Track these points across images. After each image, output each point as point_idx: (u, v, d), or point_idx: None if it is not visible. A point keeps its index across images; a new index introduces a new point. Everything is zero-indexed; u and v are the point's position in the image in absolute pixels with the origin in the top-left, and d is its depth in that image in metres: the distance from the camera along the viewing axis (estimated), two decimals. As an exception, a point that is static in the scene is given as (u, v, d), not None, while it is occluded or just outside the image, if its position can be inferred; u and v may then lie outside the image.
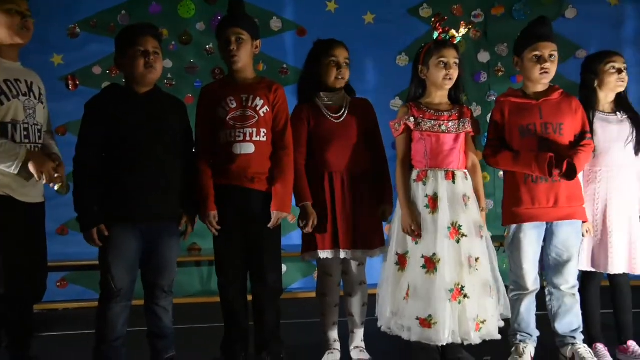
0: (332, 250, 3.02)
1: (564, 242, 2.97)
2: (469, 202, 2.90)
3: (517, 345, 3.02)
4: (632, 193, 3.05)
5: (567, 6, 5.40)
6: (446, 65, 2.92)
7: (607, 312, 3.16)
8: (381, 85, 4.99)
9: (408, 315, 2.83)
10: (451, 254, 2.81)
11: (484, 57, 5.45)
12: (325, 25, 5.23)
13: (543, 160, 2.84)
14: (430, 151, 2.91)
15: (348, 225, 3.02)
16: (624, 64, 3.05)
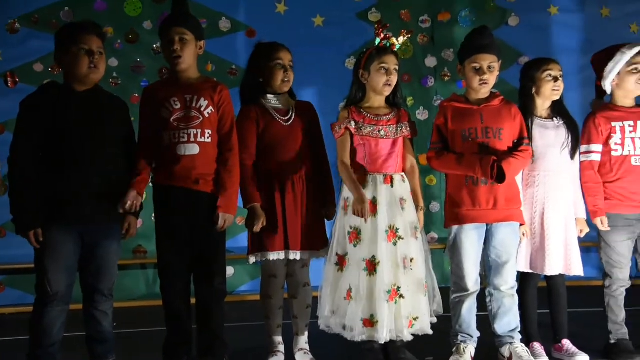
0: (282, 252, 3.02)
1: (503, 243, 3.04)
2: (405, 205, 2.99)
3: (458, 345, 3.08)
4: (568, 196, 3.15)
5: (510, 14, 5.55)
6: (387, 72, 2.99)
7: (543, 312, 3.25)
8: (330, 88, 5.00)
9: (351, 315, 2.89)
10: (389, 256, 2.90)
11: (431, 62, 5.55)
12: (275, 27, 5.24)
13: (486, 163, 2.91)
14: (370, 156, 2.99)
15: (297, 226, 3.03)
16: (560, 72, 3.15)
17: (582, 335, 3.33)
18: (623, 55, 3.16)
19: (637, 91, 3.19)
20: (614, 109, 3.23)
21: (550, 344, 3.21)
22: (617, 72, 3.18)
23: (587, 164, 3.20)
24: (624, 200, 3.15)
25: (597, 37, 5.29)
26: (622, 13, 5.58)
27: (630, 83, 3.17)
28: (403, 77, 5.44)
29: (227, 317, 3.07)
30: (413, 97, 5.50)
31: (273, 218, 3.00)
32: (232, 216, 2.95)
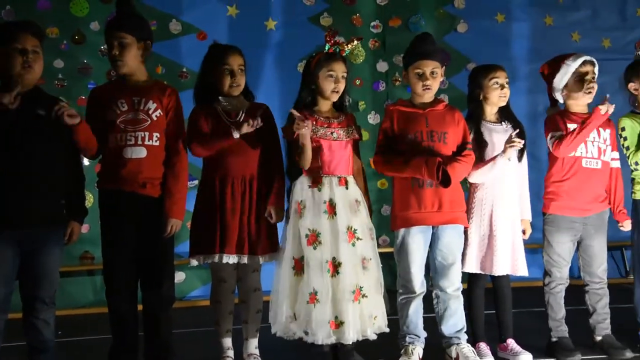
0: (223, 255, 2.99)
1: (448, 245, 3.10)
2: (359, 207, 3.03)
3: (405, 346, 3.11)
4: (515, 198, 3.23)
5: (459, 21, 5.65)
6: (335, 79, 3.02)
7: (489, 312, 3.32)
8: (283, 91, 5.00)
9: (316, 318, 2.89)
10: (349, 256, 2.93)
11: (382, 67, 5.59)
12: (226, 30, 5.22)
13: (432, 164, 2.96)
14: (324, 158, 3.00)
15: (244, 230, 3.01)
16: (506, 79, 3.23)
17: (527, 334, 3.42)
18: (568, 67, 3.25)
19: (586, 99, 3.28)
20: (569, 114, 3.31)
21: (496, 344, 3.27)
22: (565, 83, 3.27)
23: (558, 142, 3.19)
24: (571, 200, 3.23)
25: (541, 44, 5.46)
26: (564, 22, 5.75)
27: (579, 93, 3.25)
28: (354, 81, 5.51)
29: (176, 323, 3.04)
30: (365, 102, 5.54)
31: (215, 221, 2.98)
32: (180, 221, 2.92)
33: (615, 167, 3.31)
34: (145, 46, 2.95)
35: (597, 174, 3.24)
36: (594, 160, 3.23)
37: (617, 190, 3.29)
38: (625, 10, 5.82)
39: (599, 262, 3.29)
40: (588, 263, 3.30)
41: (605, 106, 3.11)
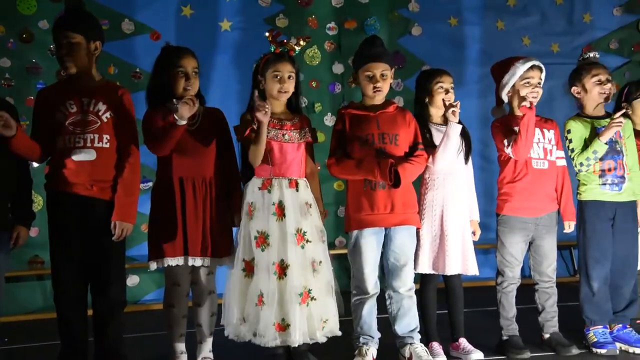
0: (182, 258, 2.96)
1: (401, 246, 3.13)
2: (310, 209, 3.03)
3: (360, 347, 3.13)
4: (464, 199, 3.29)
5: (413, 24, 5.72)
6: (280, 79, 3.01)
7: (442, 312, 3.36)
8: (239, 93, 4.98)
9: (263, 321, 2.89)
10: (298, 259, 2.93)
11: (338, 69, 5.62)
12: (181, 30, 5.16)
13: (385, 166, 2.99)
14: (274, 160, 3.00)
15: (198, 233, 2.98)
16: (451, 84, 3.28)
17: (478, 333, 3.48)
18: (517, 69, 3.32)
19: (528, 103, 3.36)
20: (512, 118, 3.38)
21: (448, 343, 3.32)
22: (512, 84, 3.34)
23: (514, 145, 3.22)
24: (523, 201, 3.30)
25: (493, 48, 5.57)
26: (515, 27, 5.89)
27: (523, 95, 3.32)
28: (311, 83, 5.53)
29: (129, 327, 2.99)
30: (321, 104, 5.56)
31: (173, 224, 2.94)
32: (130, 225, 2.87)
33: (562, 166, 3.39)
34: (96, 46, 2.89)
35: (546, 174, 3.32)
36: (541, 160, 3.31)
37: (564, 188, 3.36)
38: (573, 16, 6.01)
39: (549, 261, 3.37)
40: (538, 262, 3.38)
41: (527, 102, 3.20)
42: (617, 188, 3.34)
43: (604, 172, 3.34)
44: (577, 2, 6.00)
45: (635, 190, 3.39)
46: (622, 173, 3.34)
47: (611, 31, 6.04)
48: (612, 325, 3.37)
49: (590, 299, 3.36)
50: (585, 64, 3.46)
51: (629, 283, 3.39)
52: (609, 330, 3.34)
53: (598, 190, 3.35)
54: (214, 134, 3.08)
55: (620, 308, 3.39)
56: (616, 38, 6.04)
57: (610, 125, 3.25)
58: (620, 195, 3.34)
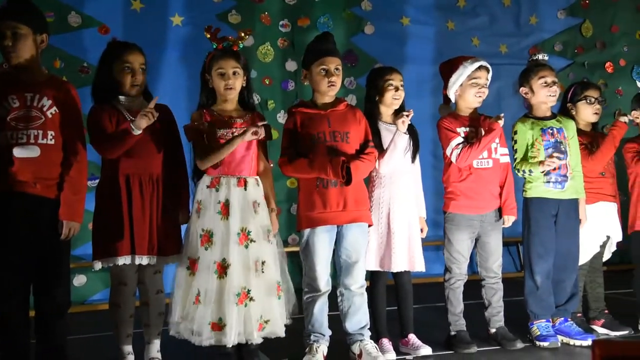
0: (129, 257, 2.91)
1: (353, 244, 3.14)
2: (258, 208, 3.01)
3: (310, 345, 3.13)
4: (411, 197, 3.33)
5: (365, 23, 5.77)
6: (225, 76, 2.99)
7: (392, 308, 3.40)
8: (189, 90, 4.91)
9: (199, 319, 2.86)
10: (240, 259, 2.90)
11: (291, 66, 5.61)
12: (130, 25, 5.06)
13: (337, 164, 3.00)
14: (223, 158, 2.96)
15: (145, 231, 2.94)
16: (401, 81, 3.32)
17: (427, 328, 3.55)
18: (465, 69, 3.38)
19: (475, 103, 3.44)
20: (457, 116, 3.45)
21: (398, 339, 3.36)
22: (460, 83, 3.40)
23: (460, 153, 3.29)
24: (469, 199, 3.37)
25: (444, 48, 5.67)
26: (465, 27, 6.01)
27: (470, 95, 3.40)
28: (264, 80, 5.51)
29: (76, 328, 2.92)
30: (274, 101, 5.55)
31: (119, 222, 2.89)
32: (77, 224, 2.81)
33: (505, 162, 3.46)
34: (42, 39, 2.81)
35: (490, 172, 3.39)
36: (485, 160, 3.37)
37: (507, 184, 3.43)
38: (520, 18, 6.17)
39: (495, 257, 3.44)
40: (485, 259, 3.45)
41: (501, 121, 3.29)
42: (560, 186, 3.44)
43: (549, 170, 3.43)
44: (524, 4, 6.16)
45: (577, 188, 3.50)
46: (565, 172, 3.44)
47: (556, 33, 6.23)
48: (554, 318, 3.48)
49: (534, 293, 3.46)
50: (534, 65, 3.55)
51: (571, 277, 3.49)
52: (552, 324, 3.45)
53: (542, 187, 3.44)
54: (162, 132, 3.03)
55: (562, 302, 3.50)
56: (560, 40, 6.23)
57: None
58: (563, 193, 3.44)
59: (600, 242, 3.62)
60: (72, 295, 4.71)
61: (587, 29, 6.29)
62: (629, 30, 6.38)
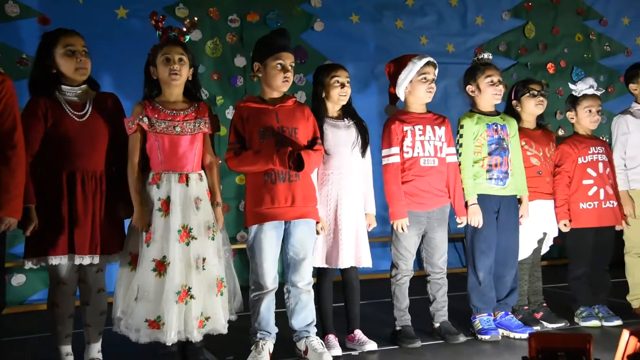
0: (65, 256, 2.84)
1: (300, 241, 3.14)
2: (200, 204, 2.96)
3: (256, 342, 3.11)
4: (359, 193, 3.35)
5: (315, 19, 5.77)
6: (169, 61, 2.94)
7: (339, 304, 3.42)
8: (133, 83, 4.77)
9: (137, 316, 2.82)
10: (181, 256, 2.86)
11: (240, 62, 5.56)
12: (72, 16, 4.89)
13: (283, 153, 2.98)
14: (164, 153, 2.92)
15: (87, 229, 2.86)
16: (347, 78, 3.34)
17: (374, 324, 3.58)
18: (414, 65, 3.42)
19: (426, 98, 3.48)
20: (406, 114, 3.49)
21: (344, 335, 3.38)
22: (410, 80, 3.44)
23: (388, 166, 3.40)
24: (414, 197, 3.41)
25: (393, 46, 5.72)
26: (413, 26, 6.08)
27: (420, 91, 3.44)
28: (212, 75, 5.45)
29: (13, 329, 2.82)
30: (222, 96, 5.49)
31: (57, 220, 2.81)
32: (15, 220, 2.69)
33: (452, 162, 3.52)
34: None
35: (435, 171, 3.44)
36: (431, 158, 3.42)
37: (456, 185, 3.49)
38: (466, 18, 6.28)
39: (441, 253, 3.50)
40: (430, 254, 3.50)
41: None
42: (501, 183, 3.52)
43: (491, 167, 3.51)
44: (470, 5, 6.27)
45: (517, 185, 3.59)
46: (506, 169, 3.53)
47: (500, 34, 6.37)
48: (496, 312, 3.57)
49: (477, 288, 3.54)
50: (480, 64, 3.62)
51: (511, 272, 3.59)
52: (493, 318, 3.53)
53: (485, 184, 3.52)
54: (106, 123, 2.96)
55: (503, 296, 3.59)
56: (505, 41, 6.37)
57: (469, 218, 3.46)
58: (504, 190, 3.53)
59: (538, 238, 3.73)
60: (11, 295, 4.61)
61: (530, 31, 6.46)
62: (569, 32, 6.58)
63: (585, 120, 3.79)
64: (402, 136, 3.41)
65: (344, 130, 3.34)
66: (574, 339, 2.20)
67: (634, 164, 3.83)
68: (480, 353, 3.25)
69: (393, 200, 3.38)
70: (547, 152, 3.74)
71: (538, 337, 2.19)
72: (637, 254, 3.82)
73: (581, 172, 3.74)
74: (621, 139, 3.87)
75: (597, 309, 3.72)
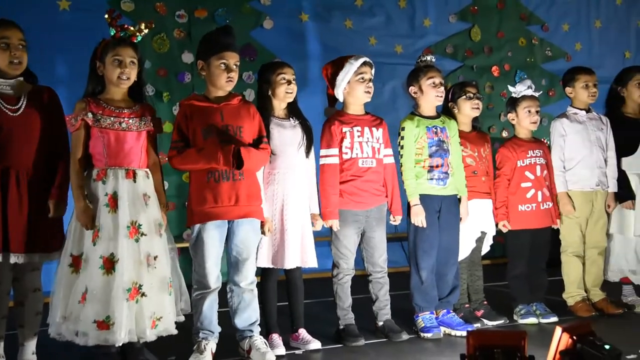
0: (1, 254, 2.75)
1: (244, 240, 3.11)
2: (149, 201, 2.92)
3: (199, 342, 3.07)
4: (304, 193, 3.35)
5: (265, 17, 5.73)
6: (121, 64, 2.88)
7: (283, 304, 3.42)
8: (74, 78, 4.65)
9: (84, 319, 2.75)
10: (130, 253, 2.81)
11: (187, 58, 5.47)
12: (9, 7, 4.70)
13: (228, 151, 2.95)
14: (109, 149, 2.87)
15: (22, 227, 2.78)
16: (293, 75, 3.33)
17: (318, 323, 3.59)
18: (351, 66, 3.45)
19: (365, 98, 3.51)
20: (345, 115, 3.51)
21: (288, 334, 3.38)
22: (347, 81, 3.46)
23: (325, 167, 3.43)
24: (352, 196, 3.44)
25: (342, 45, 5.68)
26: (362, 26, 6.11)
27: (359, 91, 3.47)
28: (159, 71, 5.34)
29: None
30: (169, 93, 5.39)
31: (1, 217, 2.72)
32: None
33: (389, 163, 3.57)
34: None
35: (373, 171, 3.48)
36: (369, 159, 3.46)
37: (393, 186, 3.55)
38: (415, 20, 6.36)
39: (380, 252, 3.53)
40: (370, 254, 3.53)
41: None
42: (442, 183, 3.59)
43: (432, 168, 3.57)
44: (418, 7, 6.35)
45: (457, 185, 3.66)
46: (447, 170, 3.60)
47: (448, 36, 6.47)
48: (438, 311, 3.63)
49: (419, 287, 3.59)
50: (423, 66, 3.67)
51: (452, 271, 3.65)
52: (435, 316, 3.59)
53: (426, 184, 3.57)
54: (42, 118, 2.88)
55: (445, 294, 3.65)
56: (452, 43, 6.48)
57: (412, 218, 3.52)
58: (445, 190, 3.59)
59: (476, 237, 3.81)
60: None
61: (475, 34, 6.59)
62: (513, 37, 6.74)
63: (525, 121, 3.90)
64: (342, 137, 3.44)
65: (290, 129, 3.33)
66: (510, 336, 2.27)
67: (570, 166, 3.95)
68: (422, 351, 3.30)
69: (328, 201, 3.40)
70: (482, 152, 3.83)
71: (476, 335, 2.25)
72: (573, 252, 3.95)
73: (520, 175, 3.85)
74: (559, 142, 3.99)
75: (535, 306, 3.83)
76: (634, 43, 7.33)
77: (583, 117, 4.01)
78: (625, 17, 7.30)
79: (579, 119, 4.01)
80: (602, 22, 7.16)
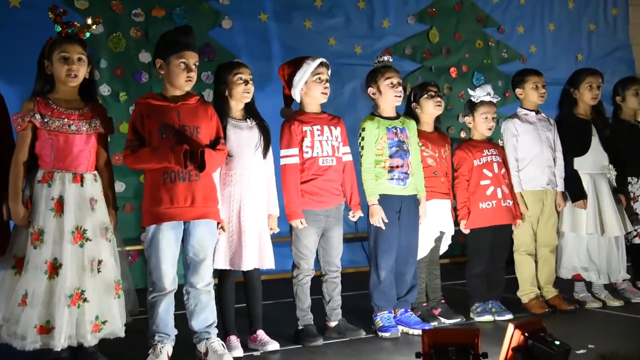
0: None
1: (200, 241, 3.08)
2: (96, 205, 2.88)
3: (155, 345, 3.02)
4: (261, 194, 3.33)
5: (223, 17, 5.70)
6: (67, 60, 2.83)
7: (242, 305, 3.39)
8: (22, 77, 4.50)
9: (24, 322, 2.70)
10: (74, 258, 2.77)
11: (145, 57, 5.40)
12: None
13: (179, 151, 2.91)
14: (58, 152, 2.82)
15: None
16: (250, 75, 3.31)
17: (277, 324, 3.57)
18: (308, 66, 3.45)
19: (322, 99, 3.51)
20: (304, 114, 3.51)
21: (247, 336, 3.35)
22: (305, 81, 3.46)
23: (287, 167, 3.41)
24: (313, 195, 3.44)
25: (301, 46, 5.70)
26: (322, 27, 6.13)
27: (316, 91, 3.47)
28: (115, 71, 5.26)
29: None
30: (126, 93, 5.31)
31: None
32: None
33: (348, 161, 3.58)
34: None
35: (333, 170, 3.49)
36: (329, 158, 3.47)
37: (351, 183, 3.56)
38: (374, 21, 6.41)
39: (338, 251, 3.54)
40: (328, 253, 3.54)
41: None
42: (402, 183, 3.61)
43: (392, 168, 3.59)
44: (377, 8, 6.40)
45: (417, 186, 3.70)
46: (407, 170, 3.63)
47: (406, 37, 6.54)
48: (396, 310, 3.65)
49: (378, 286, 3.61)
50: (380, 67, 3.69)
51: (411, 270, 3.68)
52: (394, 315, 3.61)
53: (387, 184, 3.59)
54: None
55: (403, 294, 3.68)
56: (410, 44, 6.55)
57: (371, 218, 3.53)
58: (405, 190, 3.62)
59: (435, 236, 3.85)
60: None
61: (434, 35, 6.67)
62: (470, 38, 6.85)
63: (481, 126, 3.96)
64: (302, 136, 3.43)
65: (247, 130, 3.31)
66: (463, 334, 2.29)
67: (522, 165, 4.03)
68: (380, 350, 3.32)
69: (291, 201, 3.39)
70: (442, 153, 3.87)
71: (430, 334, 2.27)
72: (525, 251, 4.02)
73: (478, 173, 3.90)
74: (512, 141, 4.06)
75: (491, 304, 3.90)
76: (586, 46, 7.54)
77: (533, 117, 4.10)
78: (577, 20, 7.50)
79: (530, 119, 4.09)
80: (555, 25, 7.35)
